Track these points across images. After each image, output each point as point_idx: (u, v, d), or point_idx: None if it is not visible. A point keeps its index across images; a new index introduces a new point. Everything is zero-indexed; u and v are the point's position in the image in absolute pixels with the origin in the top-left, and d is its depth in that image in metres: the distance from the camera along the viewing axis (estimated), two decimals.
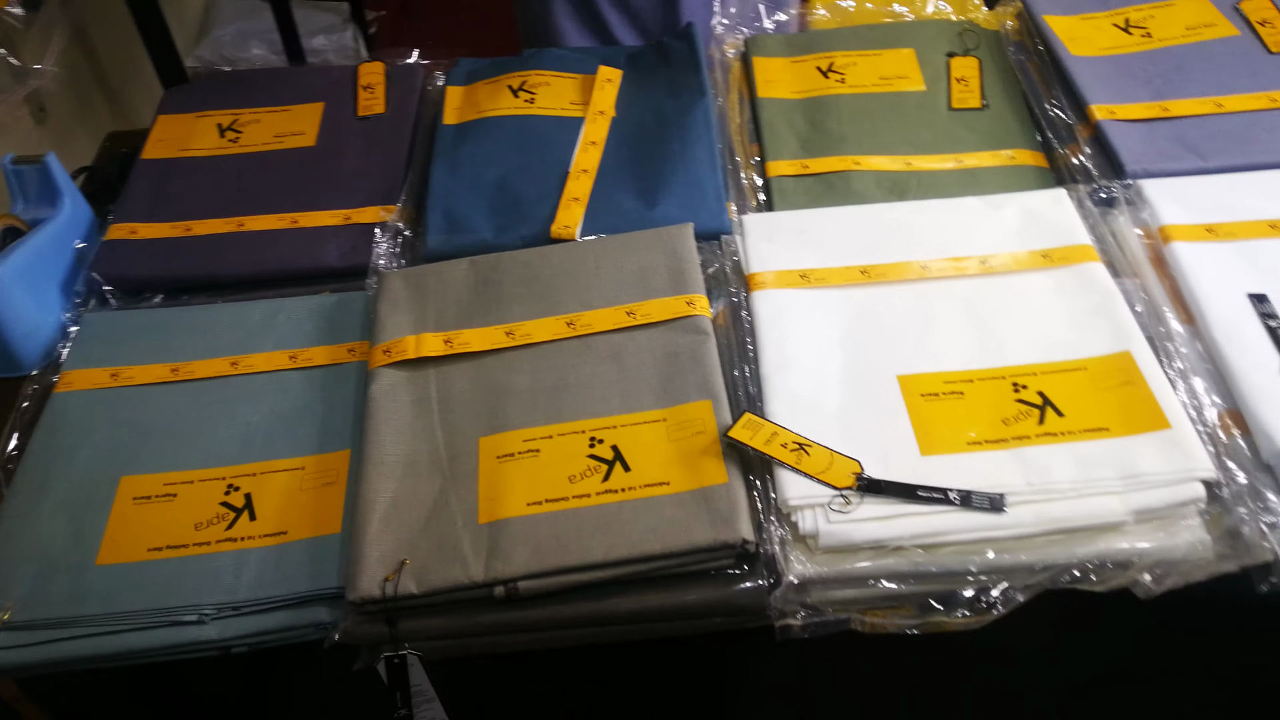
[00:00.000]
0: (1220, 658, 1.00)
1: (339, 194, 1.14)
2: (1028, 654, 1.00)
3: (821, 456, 0.84)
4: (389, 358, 0.95)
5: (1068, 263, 0.97)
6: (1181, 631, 0.98)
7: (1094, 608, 0.81)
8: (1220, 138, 1.06)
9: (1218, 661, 1.00)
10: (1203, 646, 0.99)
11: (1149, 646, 1.00)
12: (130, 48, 1.82)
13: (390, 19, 2.58)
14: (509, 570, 0.80)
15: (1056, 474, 0.82)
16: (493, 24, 2.44)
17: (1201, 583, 0.79)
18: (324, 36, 2.33)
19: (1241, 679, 1.00)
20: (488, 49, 1.34)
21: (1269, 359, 0.86)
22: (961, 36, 1.26)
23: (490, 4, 2.57)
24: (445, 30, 2.61)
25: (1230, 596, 0.80)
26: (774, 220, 1.05)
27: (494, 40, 1.63)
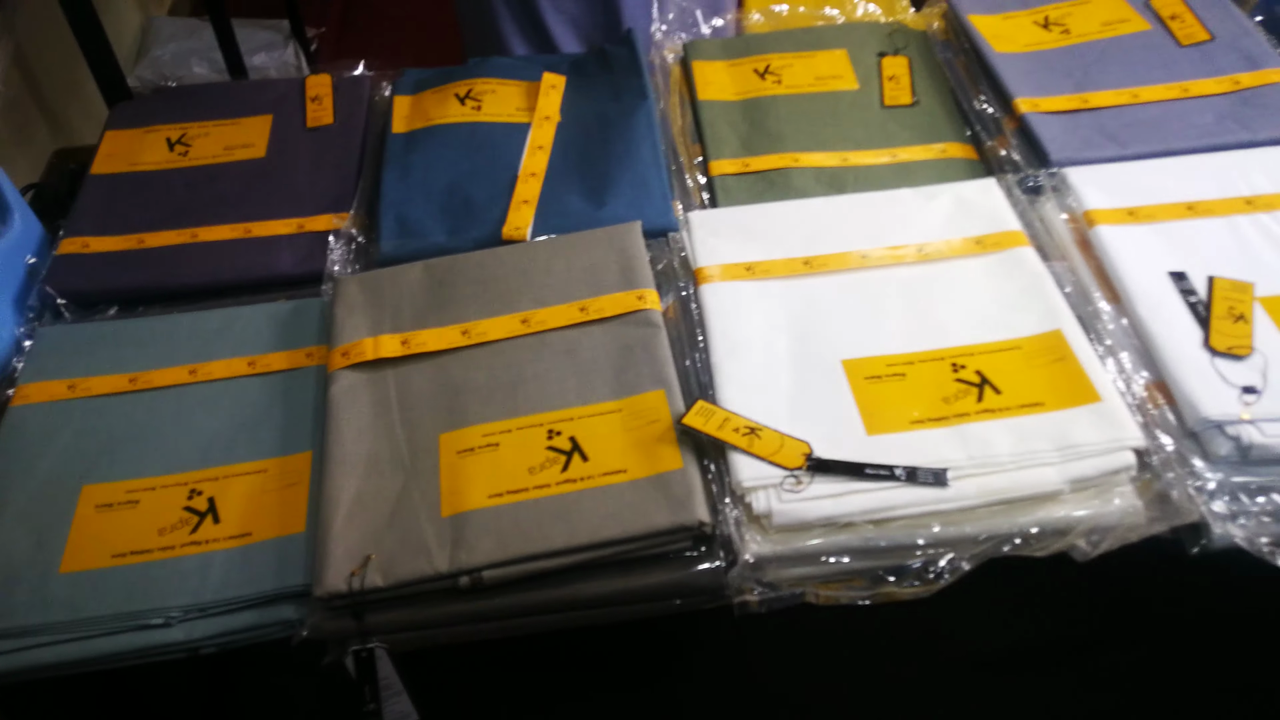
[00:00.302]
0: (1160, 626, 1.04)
1: (291, 203, 1.15)
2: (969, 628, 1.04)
3: (772, 439, 0.87)
4: (347, 360, 0.97)
5: (999, 248, 1.02)
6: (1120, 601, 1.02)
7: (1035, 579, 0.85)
8: (1137, 126, 1.11)
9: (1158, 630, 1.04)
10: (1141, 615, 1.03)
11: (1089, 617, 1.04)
12: (69, 67, 1.82)
13: (331, 35, 2.58)
14: (473, 560, 0.82)
15: (996, 448, 0.85)
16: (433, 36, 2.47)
17: (1136, 546, 0.83)
18: (264, 54, 2.33)
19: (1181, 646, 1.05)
20: (429, 60, 1.36)
21: (1190, 332, 0.91)
22: (891, 37, 1.31)
23: (429, 16, 2.60)
24: (386, 44, 2.62)
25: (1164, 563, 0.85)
26: (718, 216, 1.08)
27: (436, 51, 1.66)
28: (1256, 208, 1.01)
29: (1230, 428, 0.84)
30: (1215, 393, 0.86)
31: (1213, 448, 0.84)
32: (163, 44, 2.32)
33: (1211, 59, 1.17)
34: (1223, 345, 0.89)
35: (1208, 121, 1.11)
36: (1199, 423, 0.85)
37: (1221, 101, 1.13)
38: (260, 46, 2.34)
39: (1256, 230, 0.99)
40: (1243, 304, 0.92)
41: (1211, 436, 0.85)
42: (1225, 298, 0.93)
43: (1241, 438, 0.83)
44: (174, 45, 2.30)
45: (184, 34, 2.32)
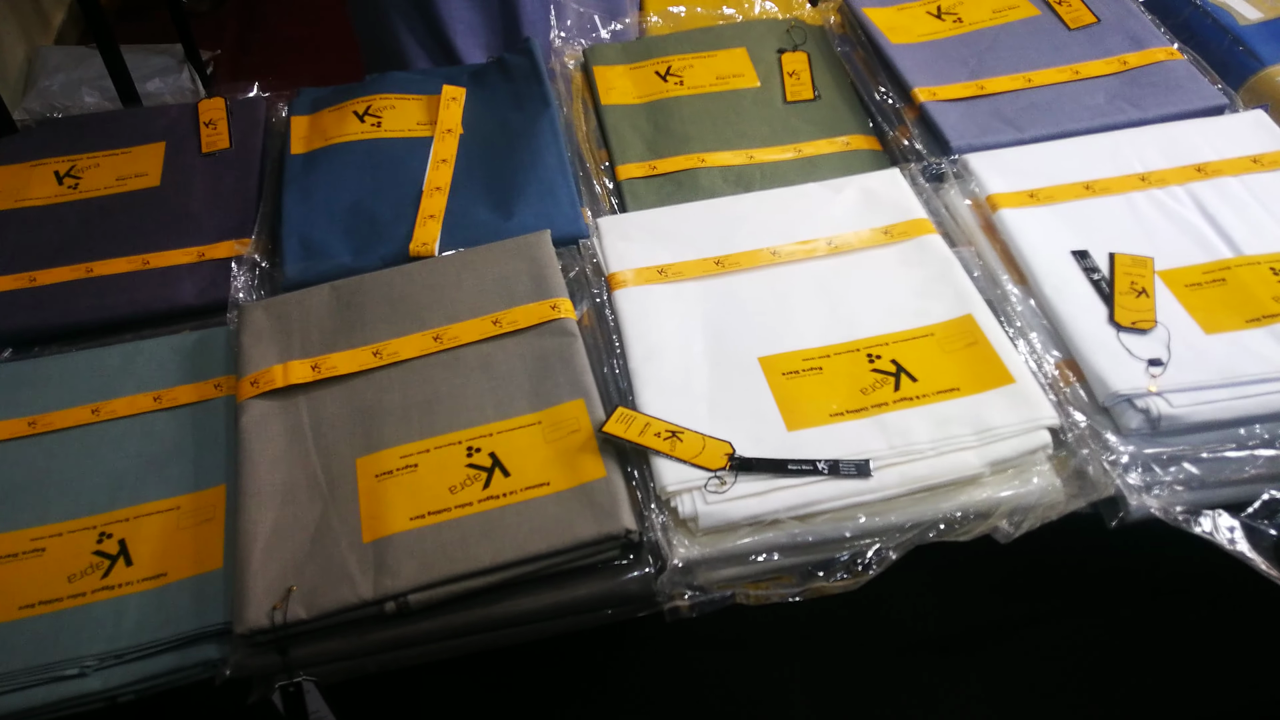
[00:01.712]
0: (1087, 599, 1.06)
1: (190, 232, 1.12)
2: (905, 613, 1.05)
3: (694, 442, 0.87)
4: (256, 389, 0.95)
5: (907, 237, 1.03)
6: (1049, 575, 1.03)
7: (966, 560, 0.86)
8: (1032, 110, 1.13)
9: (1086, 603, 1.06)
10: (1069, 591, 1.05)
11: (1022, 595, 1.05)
12: None
13: (226, 57, 2.53)
14: (398, 585, 0.80)
15: (915, 435, 0.86)
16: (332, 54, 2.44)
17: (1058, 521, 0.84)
18: (159, 79, 2.28)
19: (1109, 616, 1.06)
20: (330, 78, 1.33)
21: (1095, 309, 0.93)
22: (790, 33, 1.32)
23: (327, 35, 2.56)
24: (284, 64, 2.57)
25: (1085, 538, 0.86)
26: (628, 221, 1.08)
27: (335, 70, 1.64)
28: (1150, 183, 1.03)
29: (1139, 401, 0.85)
30: (1123, 367, 0.88)
31: (1123, 421, 0.86)
32: (50, 74, 2.25)
33: (1099, 41, 1.20)
34: (1127, 320, 0.91)
35: (1099, 102, 1.13)
36: (1109, 398, 0.86)
37: (1111, 81, 1.15)
38: (154, 72, 2.28)
39: (1152, 205, 1.02)
40: (1144, 278, 0.94)
41: (1122, 410, 0.86)
42: (1127, 273, 0.95)
43: (1150, 410, 0.85)
44: (62, 75, 2.23)
45: (72, 63, 2.26)
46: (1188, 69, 1.15)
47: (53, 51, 2.33)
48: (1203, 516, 0.82)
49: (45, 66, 2.27)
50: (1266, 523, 0.83)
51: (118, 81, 1.89)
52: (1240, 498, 0.85)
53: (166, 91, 2.26)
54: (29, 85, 2.26)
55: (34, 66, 2.30)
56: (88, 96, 2.20)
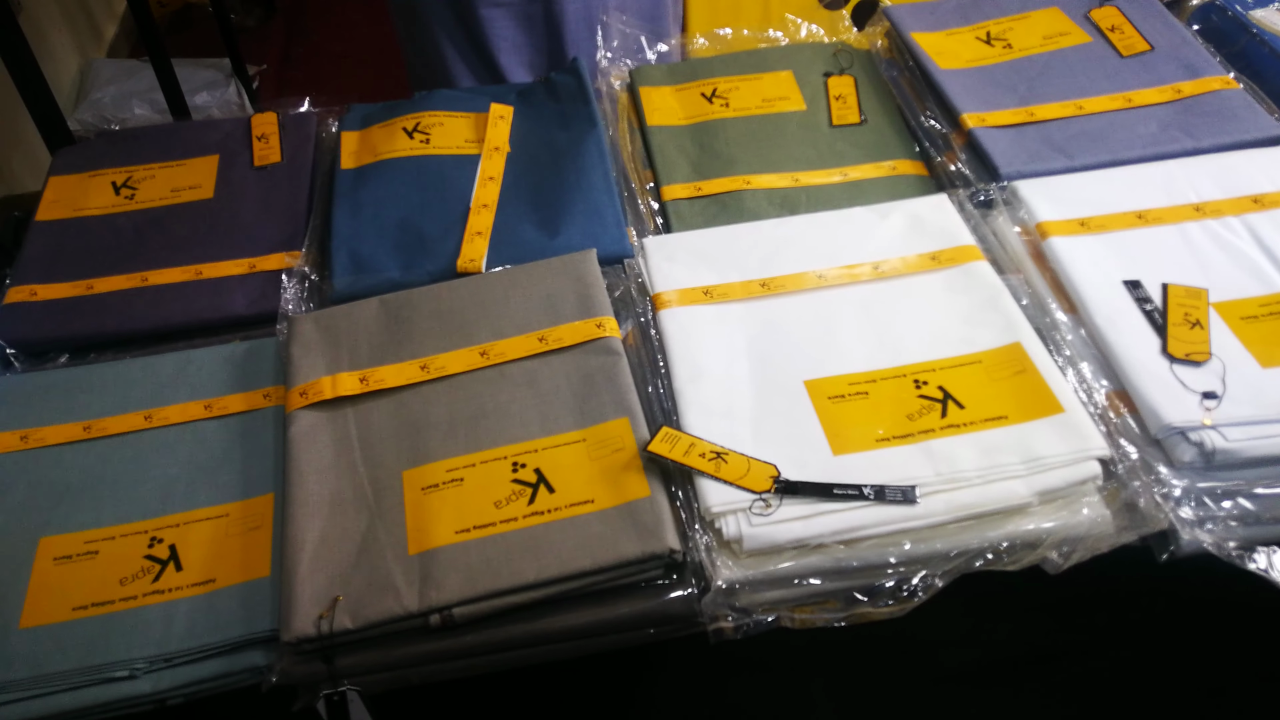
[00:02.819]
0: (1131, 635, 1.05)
1: (242, 243, 1.14)
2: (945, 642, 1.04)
3: (739, 463, 0.87)
4: (305, 400, 0.96)
5: (955, 263, 1.02)
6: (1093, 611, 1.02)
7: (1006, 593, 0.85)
8: (1083, 138, 1.13)
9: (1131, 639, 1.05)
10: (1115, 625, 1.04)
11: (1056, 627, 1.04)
12: (9, 115, 1.79)
13: (272, 72, 2.56)
14: (443, 598, 0.81)
15: (962, 463, 0.86)
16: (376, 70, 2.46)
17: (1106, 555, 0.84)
18: (207, 93, 2.31)
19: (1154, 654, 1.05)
20: (373, 95, 1.35)
21: (1148, 340, 0.92)
22: (836, 57, 1.32)
23: (371, 51, 2.59)
24: (329, 79, 2.60)
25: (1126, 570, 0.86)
26: (673, 241, 1.08)
27: (379, 86, 1.66)
28: (1205, 214, 1.03)
29: (1193, 434, 0.84)
30: (1176, 399, 0.87)
31: (1176, 454, 0.85)
32: (102, 86, 2.29)
33: (1153, 69, 1.19)
34: (1181, 352, 0.90)
35: (1152, 130, 1.13)
36: (1162, 430, 0.86)
37: (1164, 110, 1.15)
38: (202, 86, 2.32)
39: (1206, 236, 1.01)
40: (1198, 310, 0.94)
41: (1175, 443, 0.85)
42: (1180, 304, 0.94)
43: (1205, 443, 0.84)
44: (114, 87, 2.27)
45: (124, 75, 2.30)
46: (1244, 98, 1.14)
47: (105, 64, 2.37)
48: (1258, 553, 0.81)
49: (98, 79, 2.31)
50: None
51: (168, 94, 1.92)
52: None
53: (214, 105, 2.29)
54: (81, 97, 2.30)
55: (86, 79, 2.34)
56: (138, 109, 2.23)
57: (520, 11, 1.47)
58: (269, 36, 2.70)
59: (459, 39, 1.50)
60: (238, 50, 2.36)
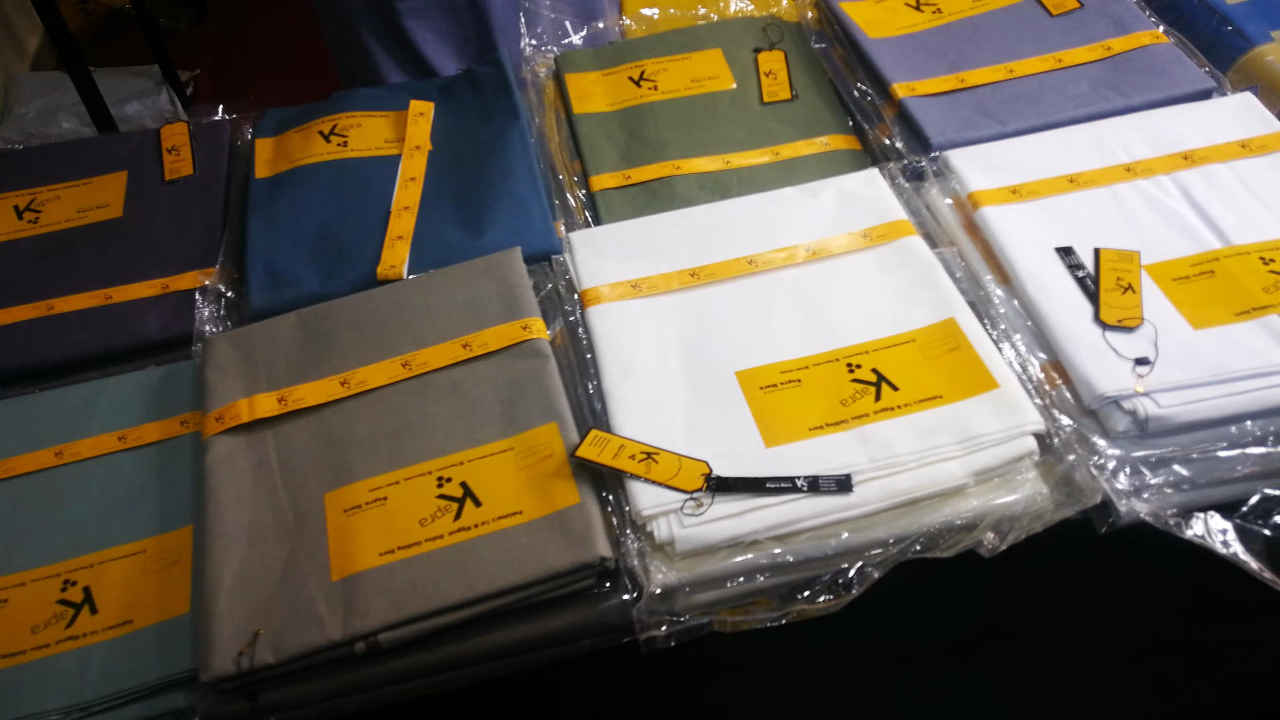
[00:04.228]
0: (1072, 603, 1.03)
1: (154, 263, 1.09)
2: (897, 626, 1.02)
3: (670, 463, 0.84)
4: (222, 425, 0.92)
5: (887, 240, 0.99)
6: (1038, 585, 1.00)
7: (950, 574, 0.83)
8: (1015, 102, 1.10)
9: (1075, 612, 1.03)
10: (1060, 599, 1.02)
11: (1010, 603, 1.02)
12: None
13: (207, 77, 2.50)
14: (367, 624, 0.78)
15: (898, 447, 0.83)
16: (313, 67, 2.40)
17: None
18: (138, 102, 2.25)
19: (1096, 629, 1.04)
20: (314, 93, 1.30)
21: (1081, 308, 0.90)
22: (766, 31, 1.29)
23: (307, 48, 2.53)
24: (265, 80, 2.53)
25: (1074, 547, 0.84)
26: (600, 234, 1.05)
27: (318, 84, 1.60)
28: (1136, 174, 1.00)
29: (1126, 402, 0.82)
30: (1109, 368, 0.85)
31: (1111, 424, 0.83)
32: (27, 101, 2.22)
33: (1082, 26, 1.17)
34: (1113, 318, 0.88)
35: (1083, 90, 1.10)
36: (1095, 400, 0.83)
37: (1095, 69, 1.12)
38: (132, 95, 2.26)
39: (1138, 197, 0.99)
40: (1130, 274, 0.91)
41: (1109, 413, 0.83)
42: (1112, 269, 0.92)
43: (1138, 411, 0.82)
44: (39, 101, 2.21)
45: (49, 89, 2.23)
46: (1173, 52, 1.12)
47: (29, 78, 2.30)
48: (1194, 519, 0.79)
49: (21, 94, 2.25)
50: (1260, 523, 0.80)
51: (91, 107, 1.87)
52: (1233, 496, 0.83)
53: (146, 114, 2.23)
54: (4, 113, 2.24)
55: (9, 94, 2.28)
56: (65, 123, 2.17)
57: (444, 3, 1.43)
58: (202, 41, 2.63)
59: (383, 34, 1.46)
60: (167, 55, 2.29)
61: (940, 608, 1.04)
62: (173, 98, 2.29)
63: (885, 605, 0.81)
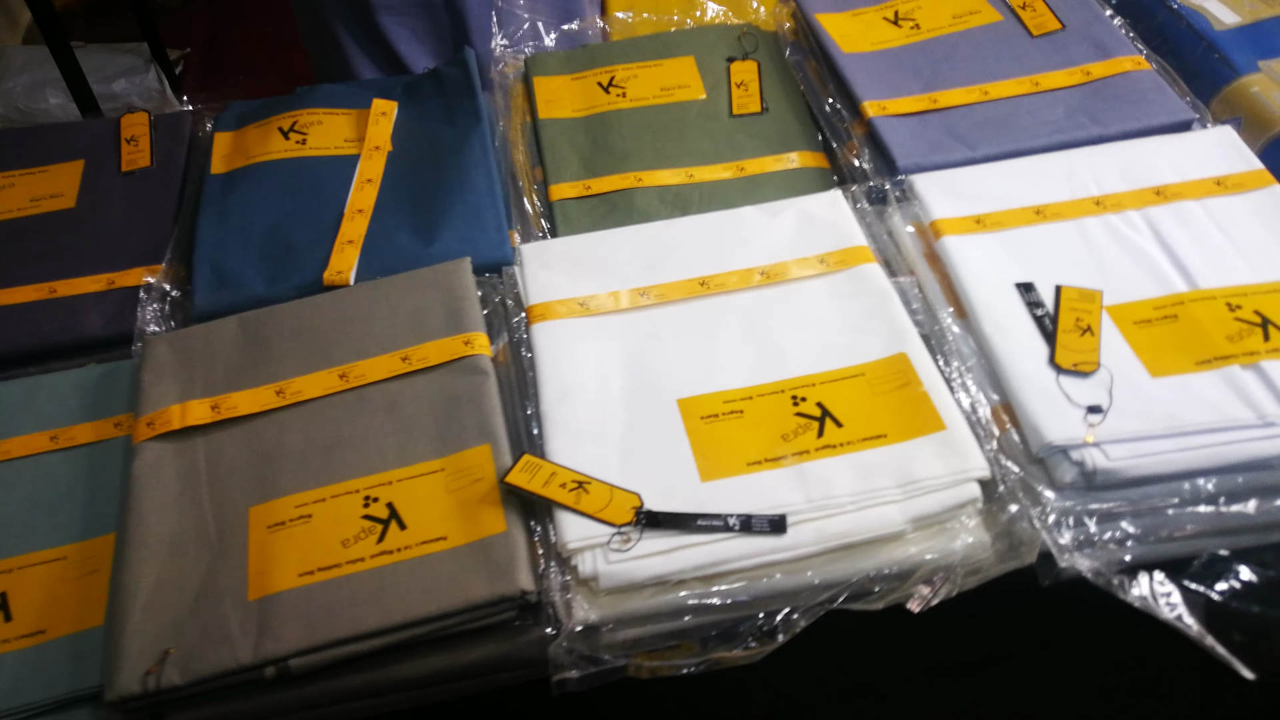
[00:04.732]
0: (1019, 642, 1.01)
1: (101, 258, 1.07)
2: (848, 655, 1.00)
3: (601, 493, 0.81)
4: (152, 430, 0.90)
5: (844, 266, 0.97)
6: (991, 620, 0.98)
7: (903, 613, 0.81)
8: (987, 126, 1.07)
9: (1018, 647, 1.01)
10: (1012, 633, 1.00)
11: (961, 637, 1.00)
12: None
13: (197, 55, 2.47)
14: (279, 649, 0.76)
15: (836, 488, 0.81)
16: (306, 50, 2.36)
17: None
18: (125, 80, 2.23)
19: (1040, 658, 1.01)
20: (303, 77, 1.27)
21: (1036, 349, 0.87)
22: (741, 40, 1.25)
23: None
24: (256, 62, 2.50)
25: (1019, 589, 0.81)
26: (552, 247, 1.02)
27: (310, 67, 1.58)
28: (1106, 208, 0.97)
29: (1074, 452, 0.79)
30: (1060, 415, 0.82)
31: (1058, 474, 0.80)
32: (14, 75, 2.20)
33: (1063, 49, 1.13)
34: (1068, 361, 0.85)
35: (1058, 117, 1.07)
36: (1043, 449, 0.81)
37: (1073, 94, 1.09)
38: (120, 72, 2.23)
39: (1106, 232, 0.95)
40: (1090, 315, 0.88)
41: (1057, 462, 0.80)
42: (1072, 309, 0.89)
43: (1086, 463, 0.79)
44: (27, 76, 2.18)
45: (38, 63, 2.20)
46: (1154, 80, 1.08)
47: (19, 51, 2.28)
48: (1138, 580, 0.77)
49: (10, 67, 2.23)
50: (1208, 585, 0.77)
51: (72, 85, 1.84)
52: (1182, 554, 0.80)
53: (133, 92, 2.21)
54: None
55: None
56: (53, 98, 2.15)
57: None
58: (195, 18, 2.60)
59: (357, 30, 1.43)
60: (157, 32, 2.26)
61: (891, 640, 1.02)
62: (160, 76, 2.26)
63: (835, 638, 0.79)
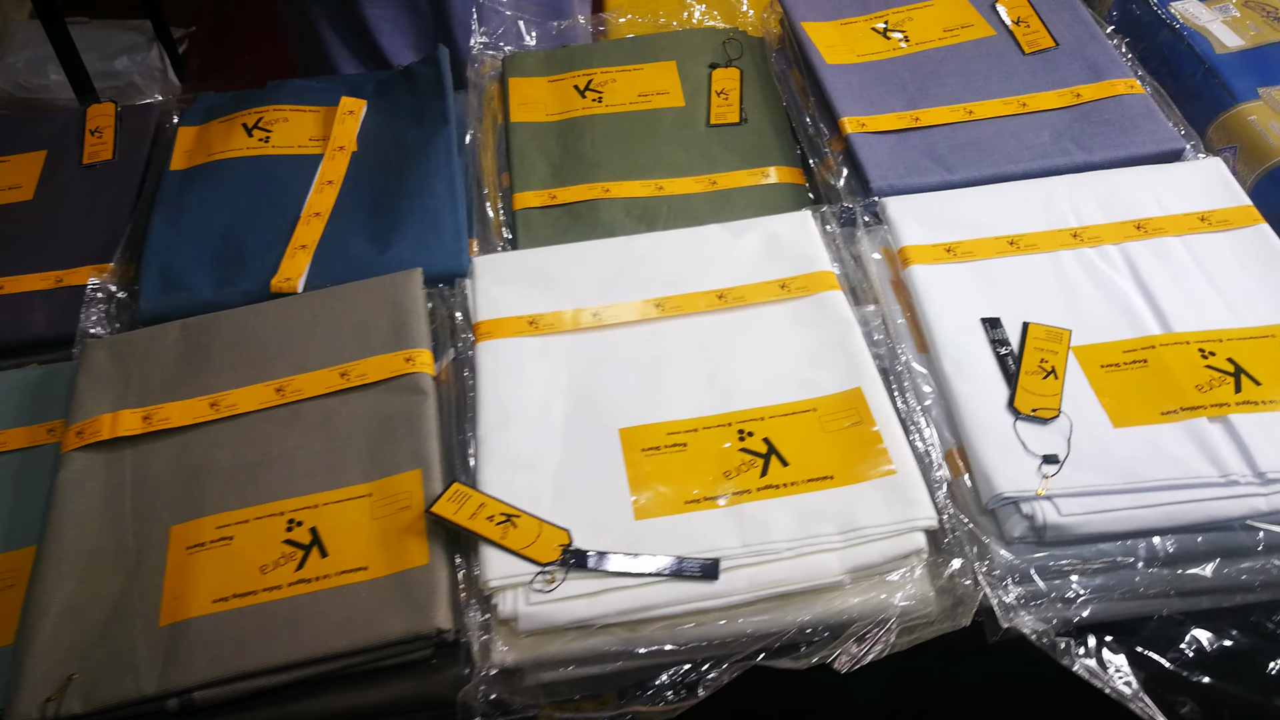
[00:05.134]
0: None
1: (52, 254, 1.05)
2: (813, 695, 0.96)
3: (529, 528, 0.78)
4: (81, 440, 0.87)
5: (806, 292, 0.92)
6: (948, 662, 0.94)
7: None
8: (969, 148, 1.02)
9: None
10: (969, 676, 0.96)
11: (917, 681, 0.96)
12: None
13: (202, 35, 2.44)
14: (185, 679, 0.73)
15: (775, 532, 0.77)
16: None
17: None
18: (127, 58, 2.21)
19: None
20: None
21: (996, 390, 0.82)
22: (726, 46, 1.21)
23: None
24: (261, 43, 2.46)
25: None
26: (507, 261, 0.98)
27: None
28: (1083, 241, 0.92)
29: (1025, 505, 0.75)
30: (1013, 464, 0.78)
31: (1007, 527, 0.76)
32: (17, 50, 2.19)
33: (1055, 69, 1.08)
34: (1027, 406, 0.81)
35: (1043, 141, 1.02)
36: (992, 499, 0.77)
37: (1060, 117, 1.04)
38: (122, 50, 2.21)
39: (1081, 267, 0.91)
40: (1056, 356, 0.84)
41: (1006, 514, 0.76)
42: (1039, 349, 0.84)
43: (1035, 516, 0.75)
44: (29, 51, 2.17)
45: (42, 39, 2.17)
46: (1146, 105, 1.03)
47: (23, 26, 2.26)
48: (1081, 644, 0.72)
49: (13, 42, 2.21)
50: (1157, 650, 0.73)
51: (66, 63, 1.82)
52: (1133, 615, 0.76)
53: (135, 71, 2.19)
54: None
55: (1, 42, 2.24)
56: (54, 75, 2.13)
57: None
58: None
59: (338, 21, 1.39)
60: (160, 11, 2.23)
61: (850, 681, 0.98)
62: (163, 55, 2.24)
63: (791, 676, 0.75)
